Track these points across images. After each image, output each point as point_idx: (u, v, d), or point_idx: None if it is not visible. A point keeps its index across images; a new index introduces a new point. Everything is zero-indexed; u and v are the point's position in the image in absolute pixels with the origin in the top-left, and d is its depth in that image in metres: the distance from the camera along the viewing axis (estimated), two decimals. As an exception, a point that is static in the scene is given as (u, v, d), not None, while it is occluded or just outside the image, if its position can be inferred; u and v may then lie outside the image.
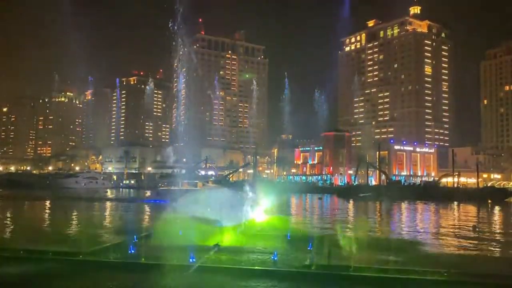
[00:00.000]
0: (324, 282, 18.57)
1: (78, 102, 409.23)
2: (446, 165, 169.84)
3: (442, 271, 18.71)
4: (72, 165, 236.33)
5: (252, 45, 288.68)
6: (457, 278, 18.24)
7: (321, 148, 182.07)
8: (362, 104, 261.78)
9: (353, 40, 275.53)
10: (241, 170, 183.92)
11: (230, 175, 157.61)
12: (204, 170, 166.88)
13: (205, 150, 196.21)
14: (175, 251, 21.94)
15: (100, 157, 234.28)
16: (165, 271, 19.45)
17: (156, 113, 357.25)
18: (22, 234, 33.22)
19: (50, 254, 22.34)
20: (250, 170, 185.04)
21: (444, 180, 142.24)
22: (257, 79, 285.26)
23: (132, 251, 22.12)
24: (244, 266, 20.27)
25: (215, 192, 36.07)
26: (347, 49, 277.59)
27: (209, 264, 20.44)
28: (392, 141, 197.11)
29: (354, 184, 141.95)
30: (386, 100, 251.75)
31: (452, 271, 18.53)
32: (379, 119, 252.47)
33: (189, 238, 27.40)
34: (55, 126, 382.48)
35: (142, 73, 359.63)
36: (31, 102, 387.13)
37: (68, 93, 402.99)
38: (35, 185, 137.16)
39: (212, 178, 37.30)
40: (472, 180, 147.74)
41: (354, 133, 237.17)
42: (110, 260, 21.13)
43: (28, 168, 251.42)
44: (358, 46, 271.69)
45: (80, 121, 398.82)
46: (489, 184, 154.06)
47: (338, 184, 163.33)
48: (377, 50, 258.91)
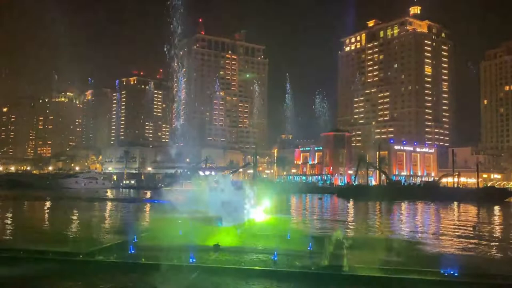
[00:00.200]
0: (324, 282, 18.57)
1: (78, 102, 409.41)
2: (446, 165, 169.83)
3: (441, 271, 18.71)
4: (72, 165, 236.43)
5: (252, 45, 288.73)
6: (457, 278, 18.24)
7: (321, 148, 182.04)
8: (362, 104, 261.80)
9: (353, 40, 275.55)
10: (241, 170, 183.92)
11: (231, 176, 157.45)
12: (203, 170, 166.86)
13: (205, 150, 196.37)
14: (175, 251, 21.94)
15: (100, 157, 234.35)
16: (165, 271, 19.46)
17: (156, 113, 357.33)
18: (22, 234, 33.24)
19: (50, 254, 22.33)
20: (250, 170, 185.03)
21: (444, 180, 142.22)
22: (257, 79, 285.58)
23: (132, 251, 22.12)
24: (244, 266, 20.26)
25: (217, 192, 35.88)
26: (347, 49, 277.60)
27: (209, 264, 20.44)
28: (392, 141, 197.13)
29: (354, 184, 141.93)
30: (386, 100, 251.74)
31: (451, 271, 18.52)
32: (379, 119, 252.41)
33: (189, 238, 27.42)
34: (55, 126, 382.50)
35: (142, 73, 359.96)
36: (31, 102, 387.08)
37: (68, 93, 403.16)
38: (35, 185, 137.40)
39: (216, 179, 37.70)
40: (472, 180, 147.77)
41: (354, 133, 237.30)
42: (110, 260, 21.13)
43: (28, 168, 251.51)
44: (358, 46, 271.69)
45: (80, 121, 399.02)
46: (489, 184, 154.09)
47: (338, 184, 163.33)
48: (377, 50, 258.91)
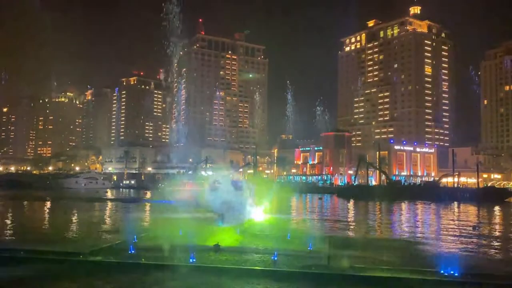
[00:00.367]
0: (324, 282, 18.58)
1: (78, 102, 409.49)
2: (446, 165, 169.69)
3: (441, 271, 18.72)
4: (72, 165, 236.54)
5: (252, 45, 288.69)
6: (457, 278, 18.24)
7: (321, 148, 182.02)
8: (362, 104, 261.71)
9: (353, 40, 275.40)
10: (241, 170, 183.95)
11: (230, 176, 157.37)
12: (205, 170, 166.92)
13: (205, 150, 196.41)
14: (175, 251, 21.96)
15: (100, 157, 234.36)
16: (165, 271, 19.47)
17: (156, 113, 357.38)
18: (22, 234, 33.26)
19: (50, 254, 22.36)
20: (251, 170, 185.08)
21: (444, 180, 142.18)
22: (257, 79, 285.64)
23: (132, 251, 22.13)
24: (244, 266, 20.27)
25: (218, 192, 35.94)
26: (347, 49, 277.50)
27: (209, 264, 20.44)
28: (392, 141, 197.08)
29: (354, 184, 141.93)
30: (386, 100, 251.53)
31: (451, 271, 18.53)
32: (379, 119, 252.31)
33: (189, 238, 27.43)
34: (55, 126, 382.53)
35: (142, 73, 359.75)
36: (31, 102, 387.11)
37: (68, 93, 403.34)
38: (35, 185, 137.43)
39: (218, 179, 37.49)
40: (472, 180, 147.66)
41: (354, 133, 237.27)
42: (110, 260, 21.14)
43: (28, 168, 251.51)
44: (358, 46, 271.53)
45: (80, 121, 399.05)
46: (489, 184, 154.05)
47: (338, 184, 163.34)
48: (377, 50, 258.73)
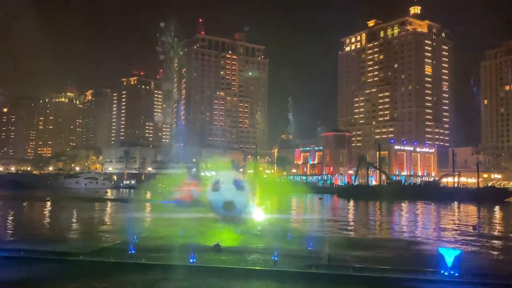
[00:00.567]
0: (324, 282, 18.57)
1: (78, 102, 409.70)
2: (447, 165, 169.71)
3: (442, 271, 18.70)
4: (72, 165, 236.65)
5: (252, 45, 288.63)
6: (456, 278, 18.23)
7: (321, 148, 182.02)
8: (362, 104, 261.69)
9: (353, 40, 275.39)
10: (241, 170, 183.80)
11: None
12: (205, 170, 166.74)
13: (205, 150, 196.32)
14: (175, 251, 21.96)
15: (100, 157, 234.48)
16: (165, 272, 19.46)
17: (156, 113, 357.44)
18: (22, 235, 33.25)
19: (50, 255, 22.36)
20: (251, 170, 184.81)
21: (444, 180, 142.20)
22: (257, 79, 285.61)
23: (132, 251, 22.12)
24: (244, 266, 20.26)
25: (220, 192, 35.89)
26: (347, 49, 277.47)
27: (209, 264, 20.43)
28: (392, 141, 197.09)
29: (355, 184, 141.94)
30: (386, 100, 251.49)
31: (452, 271, 18.51)
32: (379, 119, 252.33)
33: (189, 238, 27.44)
34: (55, 126, 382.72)
35: (142, 73, 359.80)
36: (31, 102, 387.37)
37: (68, 93, 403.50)
38: (36, 185, 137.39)
39: (221, 179, 37.29)
40: (472, 180, 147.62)
41: (354, 133, 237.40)
42: (110, 260, 21.14)
43: (28, 168, 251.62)
44: (358, 46, 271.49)
45: (80, 121, 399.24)
46: (489, 184, 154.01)
47: (339, 184, 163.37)
48: (377, 50, 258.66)
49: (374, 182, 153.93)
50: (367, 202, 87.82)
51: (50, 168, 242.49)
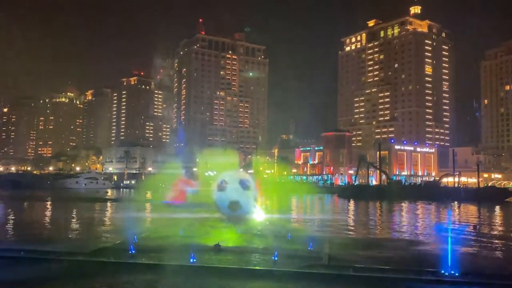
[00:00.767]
0: (324, 282, 18.56)
1: (78, 102, 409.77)
2: (447, 165, 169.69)
3: (442, 271, 18.69)
4: (72, 165, 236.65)
5: (252, 45, 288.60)
6: (457, 278, 18.22)
7: (321, 148, 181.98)
8: (363, 104, 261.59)
9: (353, 40, 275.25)
10: (241, 170, 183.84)
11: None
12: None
13: (205, 150, 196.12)
14: (176, 251, 21.95)
15: (100, 157, 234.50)
16: (165, 272, 19.45)
17: (156, 113, 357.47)
18: (22, 235, 33.25)
19: (50, 254, 22.36)
20: (251, 170, 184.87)
21: (444, 180, 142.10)
22: (257, 79, 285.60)
23: (132, 251, 22.11)
24: (244, 266, 20.25)
25: (225, 192, 35.91)
26: (348, 49, 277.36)
27: (209, 264, 20.42)
28: (392, 141, 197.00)
29: (355, 184, 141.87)
30: (386, 100, 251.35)
31: (452, 271, 18.50)
32: (380, 119, 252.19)
33: (189, 238, 27.44)
34: (56, 126, 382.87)
35: (142, 73, 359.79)
36: (32, 102, 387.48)
37: (68, 93, 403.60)
38: (36, 185, 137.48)
39: (226, 179, 37.37)
40: (472, 180, 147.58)
41: (354, 133, 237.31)
42: (110, 260, 21.13)
43: (28, 168, 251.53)
44: (358, 46, 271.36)
45: (80, 121, 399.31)
46: (489, 184, 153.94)
47: (339, 184, 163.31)
48: (377, 50, 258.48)
49: (374, 182, 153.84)
50: (367, 202, 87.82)
51: (50, 168, 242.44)
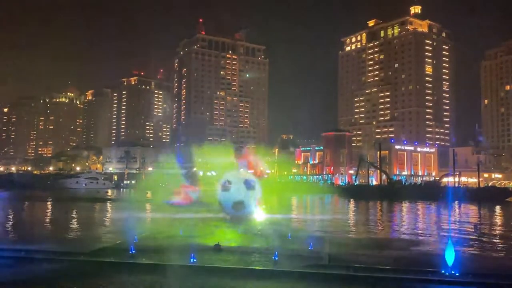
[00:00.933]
0: (324, 282, 18.54)
1: (78, 102, 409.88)
2: (447, 164, 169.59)
3: (442, 271, 18.66)
4: (73, 165, 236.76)
5: (252, 45, 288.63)
6: (457, 278, 18.20)
7: (321, 148, 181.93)
8: (363, 104, 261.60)
9: (353, 39, 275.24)
10: (241, 170, 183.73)
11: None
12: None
13: (203, 147, 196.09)
14: (176, 251, 21.93)
15: (100, 157, 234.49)
16: (165, 272, 19.44)
17: (156, 113, 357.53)
18: (22, 235, 33.24)
19: (50, 255, 22.35)
20: (251, 170, 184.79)
21: (445, 179, 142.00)
22: (257, 79, 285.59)
23: (132, 251, 22.10)
24: (244, 266, 20.23)
25: (230, 192, 35.98)
26: (348, 48, 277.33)
27: (210, 264, 20.41)
28: (392, 140, 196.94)
29: (355, 184, 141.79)
30: (386, 100, 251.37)
31: (452, 271, 18.48)
32: (380, 119, 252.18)
33: (190, 238, 27.43)
34: (56, 126, 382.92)
35: (142, 73, 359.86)
36: (32, 102, 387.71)
37: (68, 93, 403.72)
38: (36, 185, 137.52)
39: (230, 179, 37.63)
40: (473, 179, 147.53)
41: (354, 132, 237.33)
42: (110, 260, 21.12)
43: (29, 168, 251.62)
44: (358, 45, 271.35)
45: (80, 121, 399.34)
46: (490, 183, 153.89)
47: (339, 184, 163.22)
48: (377, 49, 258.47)
49: (374, 182, 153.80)
50: (368, 202, 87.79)
51: (51, 168, 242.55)
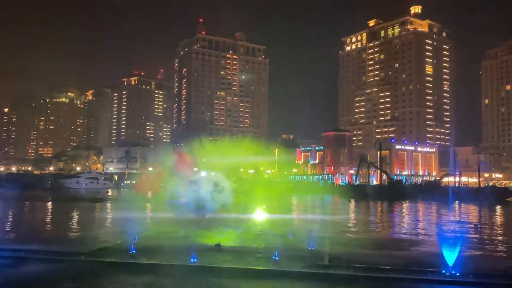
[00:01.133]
0: (324, 282, 18.53)
1: (79, 102, 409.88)
2: (447, 164, 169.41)
3: (442, 271, 18.66)
4: (73, 165, 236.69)
5: (253, 45, 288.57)
6: (457, 278, 18.18)
7: (322, 148, 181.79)
8: (363, 103, 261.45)
9: (354, 39, 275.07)
10: (241, 170, 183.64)
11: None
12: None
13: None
14: (176, 251, 21.93)
15: (101, 157, 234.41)
16: (166, 271, 19.44)
17: (156, 113, 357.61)
18: (23, 235, 33.24)
19: (51, 254, 22.35)
20: (251, 171, 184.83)
21: (445, 179, 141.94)
22: (258, 79, 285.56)
23: (133, 251, 22.11)
24: (245, 266, 20.22)
25: (195, 192, 36.44)
26: (348, 48, 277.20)
27: (210, 264, 20.40)
28: (393, 140, 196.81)
29: (356, 184, 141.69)
30: (387, 99, 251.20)
31: (453, 271, 18.47)
32: (380, 119, 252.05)
33: (190, 237, 27.42)
34: (56, 126, 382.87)
35: (143, 73, 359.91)
36: (32, 102, 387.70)
37: (69, 93, 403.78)
38: (36, 185, 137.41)
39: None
40: (473, 179, 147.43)
41: (355, 132, 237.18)
42: (111, 260, 21.12)
43: (29, 168, 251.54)
44: (359, 45, 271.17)
45: (81, 121, 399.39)
46: (490, 183, 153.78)
47: (339, 184, 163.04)
48: (378, 49, 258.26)
49: (375, 182, 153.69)
50: (368, 202, 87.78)
51: (51, 168, 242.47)
